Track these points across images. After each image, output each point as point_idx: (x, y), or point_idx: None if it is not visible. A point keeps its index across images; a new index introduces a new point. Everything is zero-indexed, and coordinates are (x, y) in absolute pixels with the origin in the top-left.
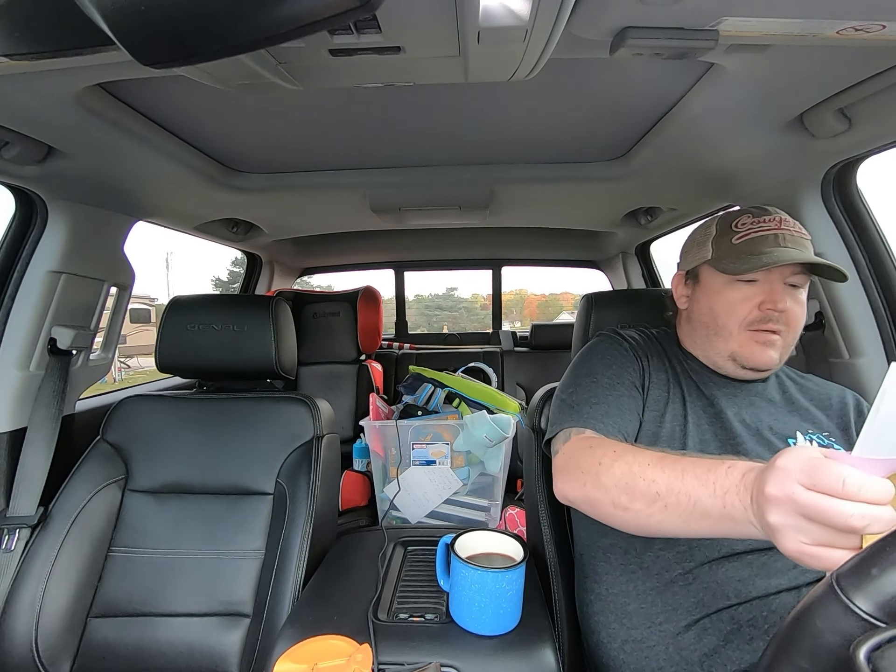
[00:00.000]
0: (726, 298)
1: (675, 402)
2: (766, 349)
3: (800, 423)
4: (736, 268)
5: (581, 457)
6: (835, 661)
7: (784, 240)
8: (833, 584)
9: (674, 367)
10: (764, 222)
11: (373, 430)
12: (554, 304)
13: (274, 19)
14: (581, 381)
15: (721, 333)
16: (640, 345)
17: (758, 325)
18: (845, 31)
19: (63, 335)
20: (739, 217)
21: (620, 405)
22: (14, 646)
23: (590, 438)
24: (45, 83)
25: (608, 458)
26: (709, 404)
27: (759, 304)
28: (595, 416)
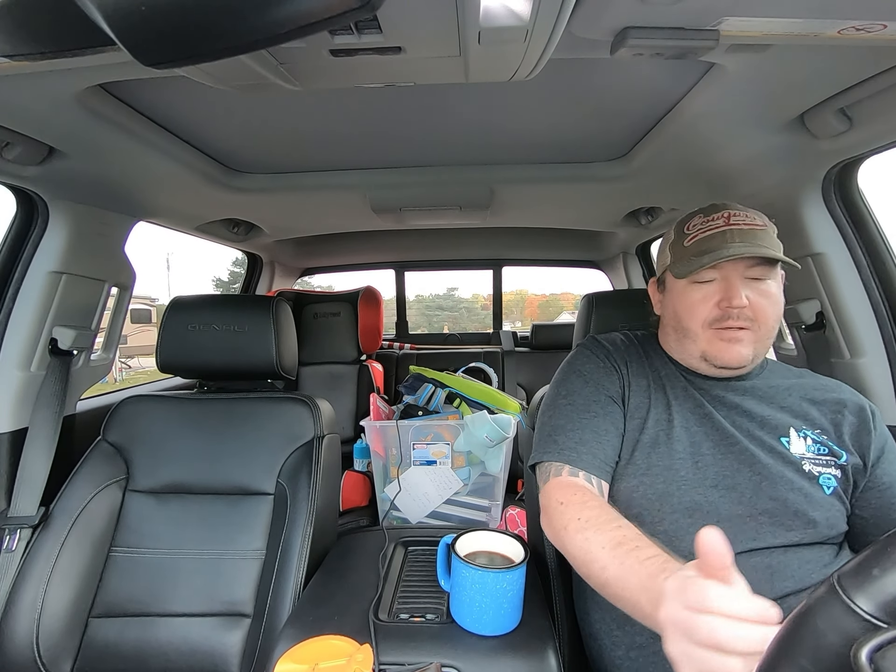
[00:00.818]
0: (687, 301)
1: (657, 406)
2: (732, 346)
3: (792, 419)
4: (681, 271)
5: (553, 512)
6: (836, 661)
7: (732, 236)
8: (834, 584)
9: (656, 370)
10: (712, 220)
11: (373, 430)
12: (554, 304)
13: (274, 20)
14: (558, 404)
15: (688, 335)
16: (619, 351)
17: (719, 323)
18: (846, 30)
19: (64, 335)
20: (691, 219)
21: (596, 428)
22: (15, 646)
23: (564, 488)
24: (46, 84)
25: (573, 527)
26: (697, 405)
27: (717, 302)
28: (570, 445)
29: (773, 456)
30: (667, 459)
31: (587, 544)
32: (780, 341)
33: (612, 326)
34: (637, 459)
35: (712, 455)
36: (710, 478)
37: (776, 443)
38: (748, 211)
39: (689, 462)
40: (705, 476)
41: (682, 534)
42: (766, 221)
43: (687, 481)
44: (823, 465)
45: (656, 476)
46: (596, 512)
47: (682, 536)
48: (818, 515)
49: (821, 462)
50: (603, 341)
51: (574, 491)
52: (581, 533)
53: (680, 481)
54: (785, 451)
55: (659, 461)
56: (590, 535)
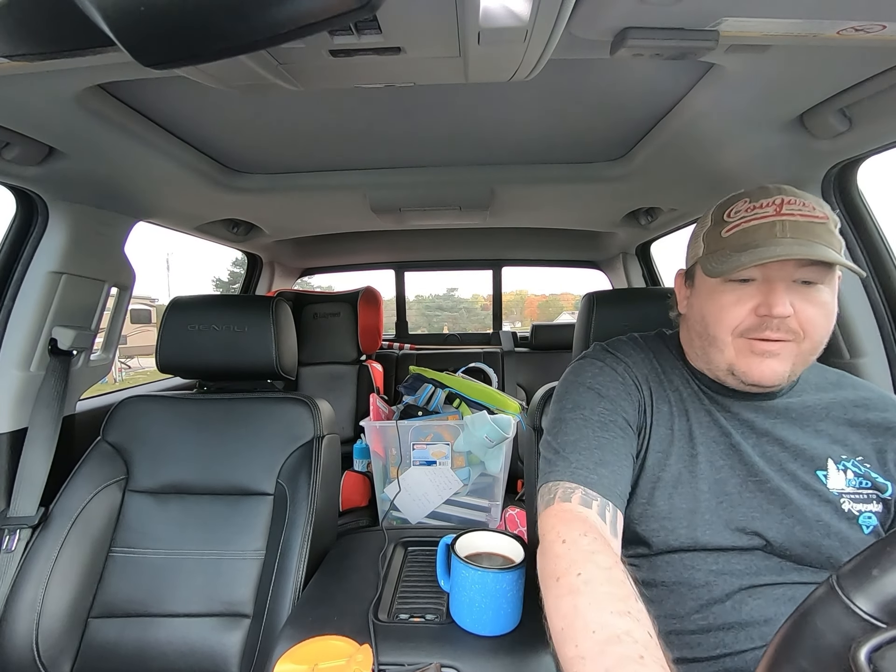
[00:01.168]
0: (717, 302)
1: (680, 439)
2: (765, 361)
3: (830, 447)
4: (715, 268)
5: (549, 549)
6: (836, 661)
7: (784, 229)
8: (834, 584)
9: (677, 390)
10: (760, 208)
11: (373, 430)
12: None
13: (274, 20)
14: (566, 418)
15: (715, 344)
16: (639, 365)
17: (754, 333)
18: (846, 31)
19: (64, 336)
20: (734, 204)
21: (616, 451)
22: (15, 646)
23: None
24: (45, 84)
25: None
26: (722, 433)
27: (754, 308)
28: (586, 465)
29: (809, 494)
30: (690, 501)
31: (573, 617)
32: None
33: (614, 326)
34: (657, 500)
35: (739, 493)
36: (737, 520)
37: (812, 478)
38: (805, 198)
39: (713, 502)
40: (731, 518)
41: (699, 564)
42: (826, 212)
43: (711, 525)
44: (864, 502)
45: (679, 521)
46: (603, 574)
47: (699, 566)
48: None
49: (862, 498)
50: (616, 352)
51: (584, 529)
52: (573, 597)
53: (704, 525)
54: (822, 489)
55: (682, 503)
56: (582, 606)
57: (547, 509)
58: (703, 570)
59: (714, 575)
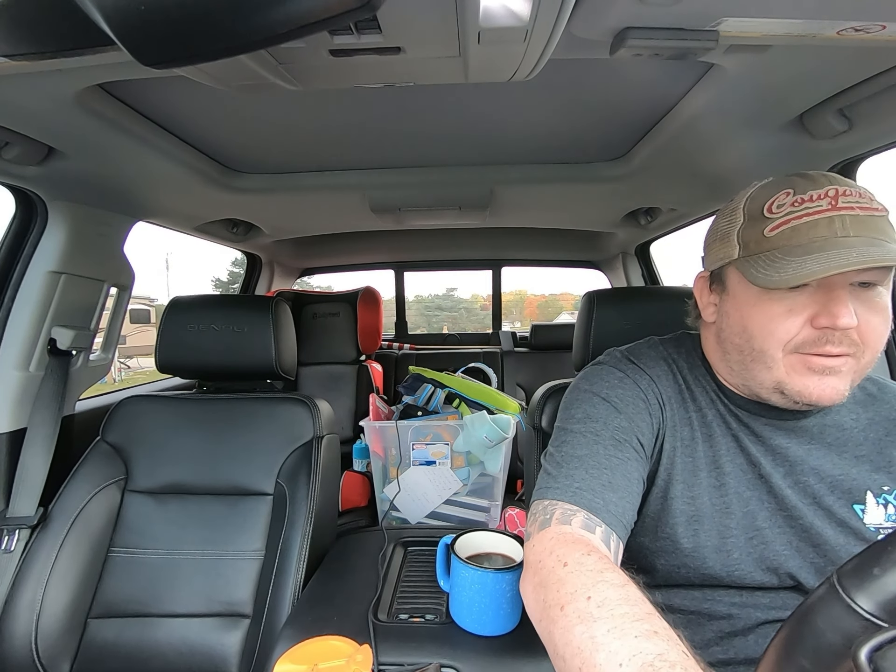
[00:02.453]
0: (764, 313)
1: (706, 468)
2: (825, 379)
3: (870, 476)
4: (765, 277)
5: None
6: (836, 660)
7: (845, 226)
8: (835, 583)
9: (701, 410)
10: (811, 201)
11: (373, 430)
12: (554, 304)
13: (274, 20)
14: (573, 430)
15: (762, 360)
16: (661, 381)
17: (811, 348)
18: (845, 31)
19: (63, 336)
20: (775, 196)
21: (629, 475)
22: (14, 646)
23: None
24: (45, 84)
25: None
26: (750, 462)
27: (811, 318)
28: (592, 487)
29: (845, 532)
30: (716, 539)
31: (592, 650)
32: None
33: (614, 325)
34: (681, 537)
35: (769, 529)
36: (769, 559)
37: (849, 513)
38: (858, 187)
39: (742, 539)
40: (762, 556)
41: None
42: (881, 203)
43: (740, 564)
44: None
45: (705, 559)
46: (618, 593)
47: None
48: None
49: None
50: (641, 365)
51: (587, 550)
52: (586, 626)
53: (733, 565)
54: (859, 526)
55: (709, 541)
56: (600, 636)
57: (542, 532)
58: (725, 602)
59: (738, 608)
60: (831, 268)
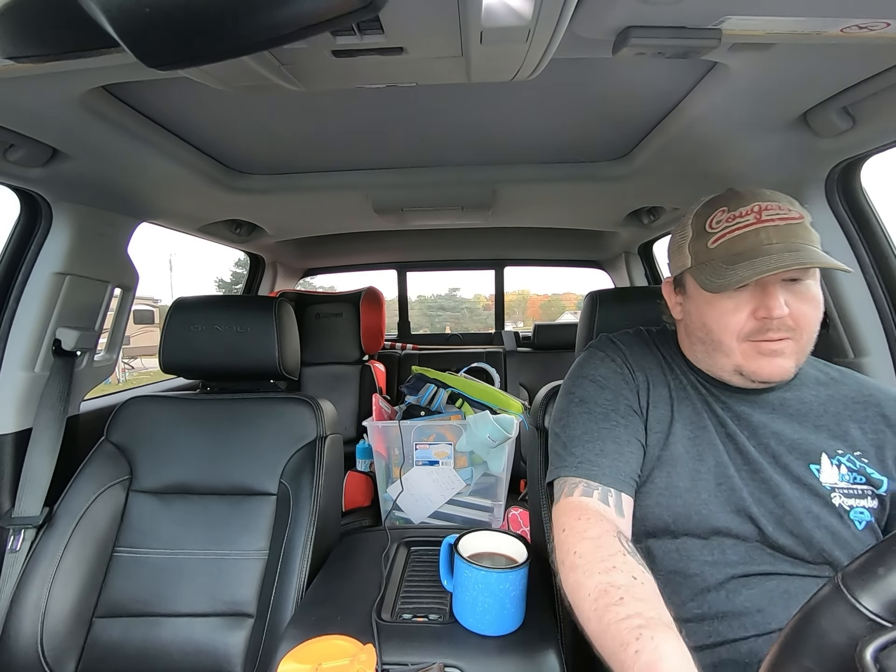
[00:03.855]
0: (717, 310)
1: (680, 420)
2: (773, 360)
3: (826, 442)
4: (714, 282)
5: (557, 540)
6: (841, 661)
7: (769, 235)
8: (839, 583)
9: (678, 378)
10: (740, 216)
11: (376, 430)
12: (557, 304)
13: (277, 21)
14: (573, 411)
15: (720, 349)
16: (636, 354)
17: (757, 335)
18: (849, 29)
19: (67, 336)
20: (714, 213)
21: (617, 438)
22: (19, 646)
23: (571, 511)
24: (49, 86)
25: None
26: (719, 423)
27: (753, 312)
28: (588, 458)
29: (800, 487)
30: (688, 480)
31: (577, 588)
32: None
33: (617, 325)
34: (656, 478)
35: (737, 478)
36: (734, 501)
37: (805, 472)
38: (779, 199)
39: (711, 484)
40: (727, 500)
41: (695, 553)
42: (800, 210)
43: (707, 505)
44: (857, 497)
45: (676, 497)
46: (591, 545)
47: (694, 556)
48: (844, 555)
49: (854, 493)
50: (618, 342)
51: (578, 515)
52: (573, 573)
53: (700, 504)
54: (814, 482)
55: (680, 482)
56: (580, 578)
57: (555, 506)
58: (697, 560)
59: (708, 565)
60: (755, 274)
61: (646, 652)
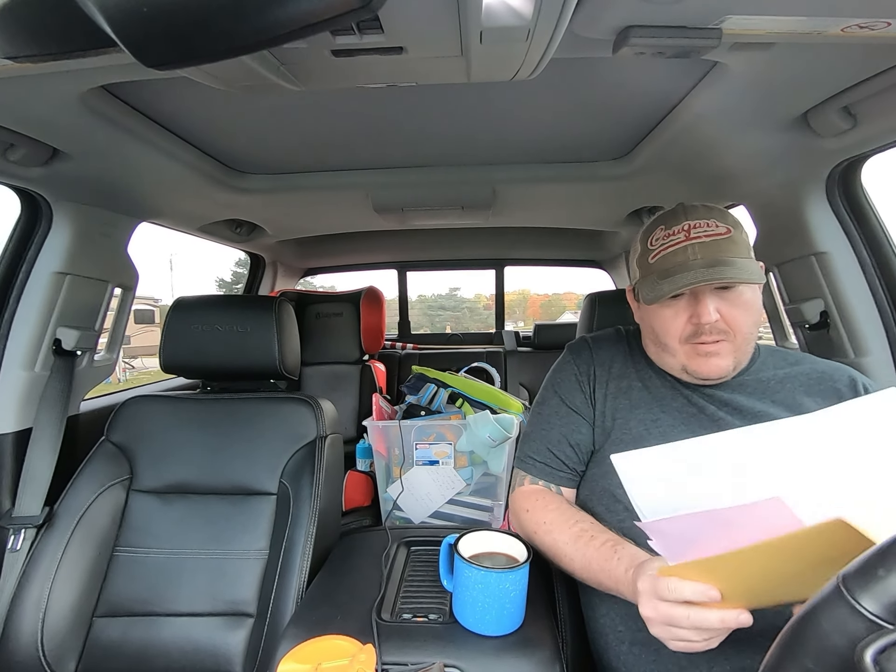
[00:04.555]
0: (660, 318)
1: (639, 406)
2: (710, 360)
3: (784, 413)
4: (647, 296)
5: (522, 518)
6: (841, 662)
7: (695, 251)
8: (839, 584)
9: (641, 370)
10: (673, 234)
11: (376, 430)
12: (557, 303)
13: (276, 20)
14: (533, 411)
15: (667, 350)
16: (605, 351)
17: (695, 339)
18: (850, 28)
19: (68, 336)
20: (654, 231)
21: (550, 439)
22: (20, 645)
23: (528, 496)
24: (48, 85)
25: (541, 530)
26: (685, 403)
27: (688, 318)
28: (529, 455)
29: None
30: None
31: (554, 543)
32: (783, 340)
33: (615, 326)
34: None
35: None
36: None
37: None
38: (710, 216)
39: None
40: None
41: None
42: (729, 223)
43: None
44: None
45: None
46: (556, 514)
47: None
48: None
49: None
50: (589, 341)
51: (536, 497)
52: (548, 535)
53: None
54: None
55: None
56: (556, 535)
57: (513, 494)
58: None
59: None
60: (674, 289)
61: (625, 556)
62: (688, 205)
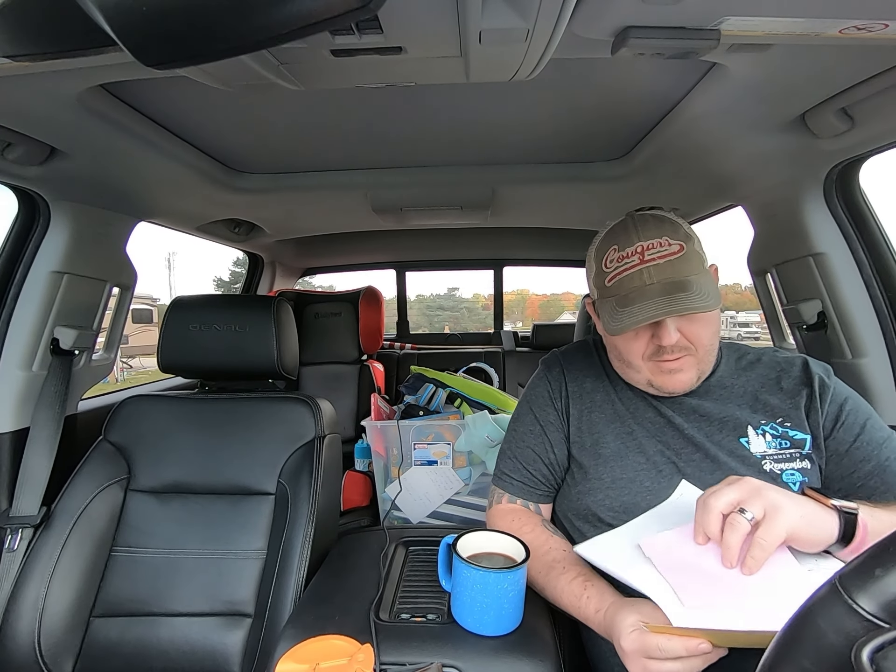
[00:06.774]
0: (622, 338)
1: (615, 421)
2: (674, 375)
3: (750, 416)
4: (609, 327)
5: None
6: (838, 661)
7: (650, 275)
8: (836, 584)
9: (614, 383)
10: (627, 257)
11: (374, 430)
12: (555, 304)
13: (276, 20)
14: (508, 427)
15: (632, 367)
16: (576, 366)
17: (658, 356)
18: (848, 30)
19: (65, 335)
20: (608, 252)
21: (525, 458)
22: (17, 645)
23: (504, 515)
24: (47, 84)
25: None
26: (656, 414)
27: (649, 338)
28: (505, 473)
29: (735, 459)
30: (630, 472)
31: (528, 570)
32: (781, 341)
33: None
34: (602, 474)
35: (675, 463)
36: (675, 486)
37: (736, 445)
38: (662, 233)
39: (652, 472)
40: (671, 484)
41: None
42: (681, 237)
43: (651, 491)
44: (786, 461)
45: (622, 489)
46: (530, 538)
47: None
48: None
49: (783, 457)
50: (560, 357)
51: (512, 517)
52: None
53: (645, 492)
54: (746, 454)
55: (623, 474)
56: (529, 562)
57: (489, 511)
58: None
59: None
60: (634, 323)
61: (593, 595)
62: (637, 217)
